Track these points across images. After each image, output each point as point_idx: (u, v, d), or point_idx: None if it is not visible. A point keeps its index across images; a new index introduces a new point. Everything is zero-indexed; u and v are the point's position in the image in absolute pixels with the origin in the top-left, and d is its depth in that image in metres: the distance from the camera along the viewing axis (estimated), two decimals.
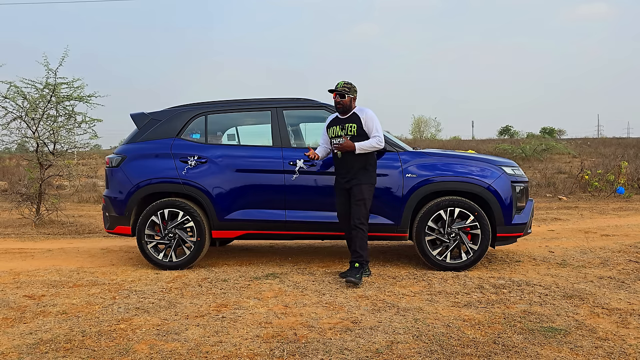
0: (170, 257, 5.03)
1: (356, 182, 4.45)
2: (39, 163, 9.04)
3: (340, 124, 4.56)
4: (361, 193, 4.43)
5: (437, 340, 3.07)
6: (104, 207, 5.36)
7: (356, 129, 4.48)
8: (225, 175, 5.01)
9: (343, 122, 4.55)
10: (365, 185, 4.46)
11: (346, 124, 4.52)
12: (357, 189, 4.44)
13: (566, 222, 8.18)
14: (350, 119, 4.53)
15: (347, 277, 4.28)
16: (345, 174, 4.50)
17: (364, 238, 4.43)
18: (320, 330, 3.24)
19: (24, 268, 5.27)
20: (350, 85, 4.54)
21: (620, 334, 3.17)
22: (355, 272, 4.31)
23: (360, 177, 4.45)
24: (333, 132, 4.59)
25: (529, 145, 20.91)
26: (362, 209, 4.43)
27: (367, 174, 4.49)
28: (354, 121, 4.50)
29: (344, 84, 4.52)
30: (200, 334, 3.21)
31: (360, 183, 4.44)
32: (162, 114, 5.34)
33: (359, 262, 4.37)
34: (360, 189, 4.44)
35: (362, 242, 4.41)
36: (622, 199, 11.59)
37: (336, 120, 4.63)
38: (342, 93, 4.49)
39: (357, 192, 4.44)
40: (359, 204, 4.43)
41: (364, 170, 4.48)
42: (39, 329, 3.35)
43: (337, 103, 4.54)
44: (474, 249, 4.74)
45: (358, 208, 4.42)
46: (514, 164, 5.15)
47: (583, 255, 5.41)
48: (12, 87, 8.71)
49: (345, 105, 4.52)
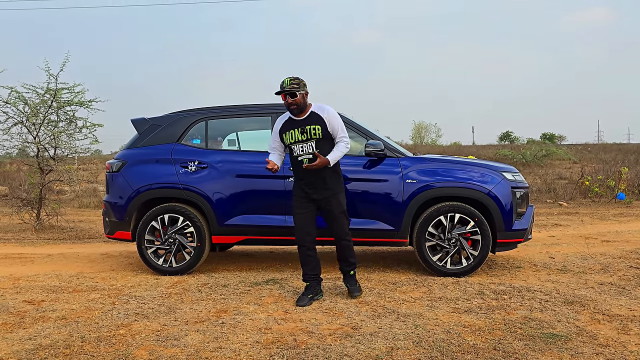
0: (170, 263, 5.02)
1: (331, 193, 4.04)
2: (40, 168, 9.05)
3: (298, 127, 4.01)
4: (340, 204, 4.07)
5: (438, 346, 3.06)
6: (104, 212, 5.37)
7: (321, 131, 3.97)
8: (225, 180, 5.01)
9: (302, 125, 4.00)
10: (341, 194, 4.10)
11: (307, 127, 3.98)
12: (335, 200, 4.05)
13: (567, 228, 8.17)
14: (309, 120, 4.00)
15: (352, 294, 4.10)
16: (314, 183, 4.03)
17: (352, 247, 4.20)
18: (320, 336, 3.23)
19: (24, 273, 5.27)
20: (298, 80, 3.98)
21: (621, 340, 3.15)
22: (354, 281, 4.22)
23: (334, 186, 4.06)
24: (291, 137, 4.03)
25: (529, 151, 20.92)
26: (344, 220, 4.10)
27: (340, 181, 4.14)
28: (317, 122, 3.98)
29: (291, 81, 3.95)
30: (199, 339, 3.20)
31: (336, 193, 4.06)
32: (162, 119, 5.35)
33: (354, 269, 4.23)
34: (338, 199, 4.06)
35: (352, 251, 4.20)
36: (623, 205, 11.58)
37: (291, 122, 4.06)
38: (292, 92, 3.92)
39: (336, 205, 4.05)
40: (341, 216, 4.07)
41: (337, 177, 4.11)
42: (38, 335, 3.34)
43: (289, 104, 3.97)
44: (475, 254, 4.73)
45: (341, 220, 4.08)
46: (514, 170, 5.15)
47: (584, 261, 5.40)
48: (13, 92, 8.73)
49: (299, 105, 3.96)
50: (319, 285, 4.17)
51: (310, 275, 4.14)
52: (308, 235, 4.12)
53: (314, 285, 4.13)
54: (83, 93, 9.12)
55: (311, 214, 4.12)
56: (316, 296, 4.10)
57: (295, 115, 4.04)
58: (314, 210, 4.13)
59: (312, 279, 4.14)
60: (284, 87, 3.96)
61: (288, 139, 4.06)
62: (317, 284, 4.15)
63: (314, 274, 4.14)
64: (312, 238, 4.14)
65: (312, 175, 4.02)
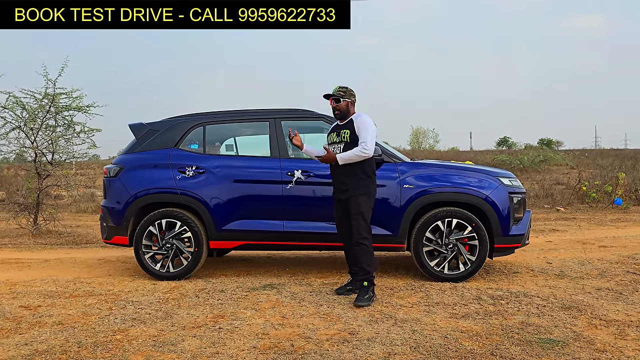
0: (167, 268, 5.01)
1: (352, 194, 4.19)
2: (37, 173, 9.03)
3: (337, 130, 4.38)
4: (358, 206, 4.16)
5: (435, 351, 3.06)
6: (102, 217, 5.36)
7: (349, 135, 4.25)
8: (223, 185, 5.01)
9: (340, 129, 4.35)
10: (361, 197, 4.17)
11: (341, 131, 4.32)
12: (354, 201, 4.18)
13: (564, 233, 8.18)
14: (346, 125, 4.33)
15: (355, 303, 4.02)
16: (339, 184, 4.30)
17: (368, 253, 4.16)
18: (318, 342, 3.23)
19: (21, 278, 5.25)
20: (346, 89, 4.34)
21: (618, 345, 3.16)
22: (364, 292, 4.09)
23: (354, 188, 4.18)
24: (330, 139, 4.42)
25: (527, 157, 20.99)
26: (360, 222, 4.16)
27: (362, 183, 4.20)
28: (348, 127, 4.29)
29: (339, 89, 4.33)
30: (197, 345, 3.20)
31: (356, 194, 4.17)
32: (160, 124, 5.36)
33: (367, 279, 4.13)
34: (357, 200, 4.17)
35: (367, 258, 4.15)
36: (620, 210, 11.61)
37: (335, 127, 4.46)
38: (337, 97, 4.30)
39: (354, 205, 4.18)
40: (357, 217, 4.16)
41: (357, 179, 4.20)
42: (35, 340, 3.33)
43: (333, 109, 4.35)
44: (472, 260, 4.74)
45: (356, 222, 4.16)
46: (512, 175, 5.16)
47: (581, 267, 5.40)
48: (11, 97, 8.73)
49: (342, 111, 4.32)
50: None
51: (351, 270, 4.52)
52: (343, 235, 4.44)
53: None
54: (81, 98, 9.11)
55: (346, 217, 4.36)
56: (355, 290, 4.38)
57: (338, 119, 4.43)
58: (342, 210, 4.38)
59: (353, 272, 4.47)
60: (332, 92, 4.36)
61: (328, 140, 4.48)
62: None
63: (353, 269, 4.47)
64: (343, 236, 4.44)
65: (336, 176, 4.36)
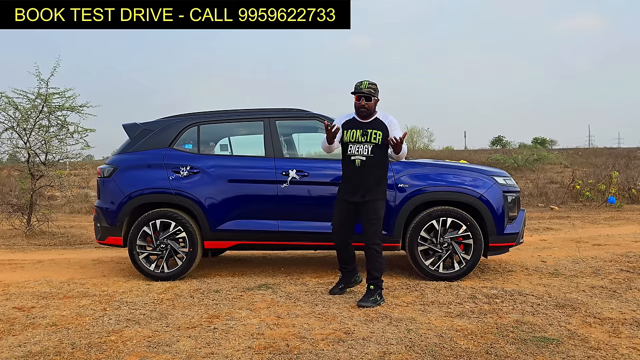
0: (162, 268, 4.99)
1: (371, 198, 4.06)
2: (31, 173, 8.97)
3: (361, 128, 4.08)
4: (376, 211, 4.07)
5: (430, 350, 3.06)
6: (96, 218, 5.33)
7: (381, 137, 4.04)
8: (217, 185, 5.00)
9: (364, 127, 4.07)
10: (380, 202, 4.10)
11: (369, 130, 4.05)
12: (372, 205, 4.06)
13: (558, 232, 8.21)
14: (373, 124, 4.08)
15: (359, 303, 3.99)
16: (358, 187, 4.10)
17: (378, 258, 4.10)
18: (313, 341, 3.23)
19: (14, 279, 5.22)
20: (375, 85, 4.10)
21: (612, 343, 3.17)
22: (370, 294, 4.05)
23: (375, 192, 4.08)
24: (352, 137, 4.09)
25: (521, 156, 21.07)
26: (377, 228, 4.08)
27: (382, 189, 4.14)
28: (379, 128, 4.06)
29: (370, 84, 4.06)
30: (191, 345, 3.19)
31: (375, 199, 4.07)
32: (154, 124, 5.33)
33: (374, 284, 4.08)
34: (376, 206, 4.07)
35: (376, 263, 4.09)
36: (614, 209, 11.67)
37: (354, 122, 4.15)
38: (369, 96, 4.04)
39: (372, 210, 4.06)
40: (375, 222, 4.07)
41: (379, 184, 4.12)
42: (28, 341, 3.30)
43: (360, 107, 4.06)
44: (467, 258, 4.75)
45: (374, 227, 4.07)
46: (506, 174, 5.18)
47: (575, 265, 5.43)
48: (4, 97, 8.67)
49: (370, 109, 4.07)
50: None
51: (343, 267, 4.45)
52: (341, 235, 4.26)
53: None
54: (74, 98, 9.05)
55: (351, 218, 4.22)
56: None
57: (362, 117, 4.12)
58: (350, 212, 4.20)
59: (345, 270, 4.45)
60: (361, 88, 4.05)
61: (348, 137, 4.11)
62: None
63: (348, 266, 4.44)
64: (345, 239, 4.30)
65: (357, 179, 4.10)
